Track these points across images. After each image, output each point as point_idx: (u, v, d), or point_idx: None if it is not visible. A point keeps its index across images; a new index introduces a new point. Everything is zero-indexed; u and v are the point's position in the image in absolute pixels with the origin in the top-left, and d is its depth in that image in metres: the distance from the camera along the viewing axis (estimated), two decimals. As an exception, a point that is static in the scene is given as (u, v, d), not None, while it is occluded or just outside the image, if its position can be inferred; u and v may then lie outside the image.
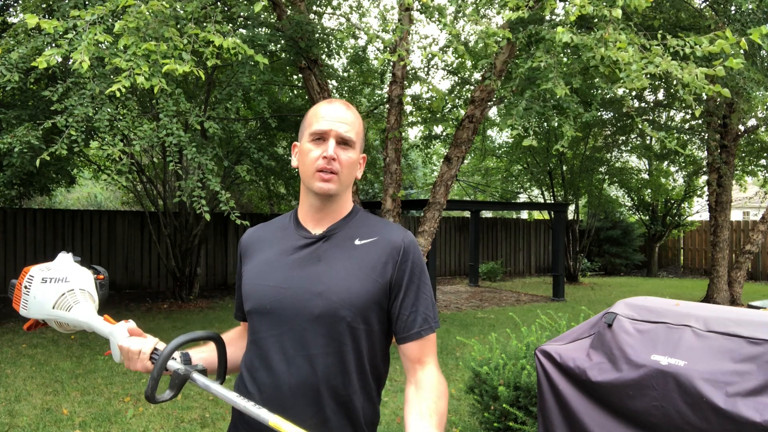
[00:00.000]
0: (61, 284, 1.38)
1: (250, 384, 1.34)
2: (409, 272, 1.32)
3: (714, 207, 10.11)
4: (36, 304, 1.38)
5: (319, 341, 1.27)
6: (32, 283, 1.38)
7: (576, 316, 3.86)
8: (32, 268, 1.40)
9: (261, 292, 1.33)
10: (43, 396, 4.60)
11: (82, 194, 20.49)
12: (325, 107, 1.34)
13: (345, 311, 1.26)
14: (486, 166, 15.83)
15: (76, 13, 3.93)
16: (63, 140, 4.55)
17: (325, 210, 1.35)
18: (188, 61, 3.92)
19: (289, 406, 1.26)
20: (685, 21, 6.80)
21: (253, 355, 1.35)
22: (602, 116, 11.36)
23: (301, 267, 1.32)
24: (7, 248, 9.92)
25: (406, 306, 1.31)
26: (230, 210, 5.10)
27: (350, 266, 1.30)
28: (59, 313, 1.37)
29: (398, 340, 1.33)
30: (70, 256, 1.45)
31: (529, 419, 2.88)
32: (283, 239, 1.38)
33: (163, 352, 1.23)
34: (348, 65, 9.38)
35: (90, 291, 1.43)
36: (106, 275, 1.50)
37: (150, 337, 1.35)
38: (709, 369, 1.65)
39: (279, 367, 1.28)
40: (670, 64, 3.99)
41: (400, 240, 1.33)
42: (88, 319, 1.37)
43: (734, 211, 20.53)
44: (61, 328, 1.42)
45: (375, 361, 1.33)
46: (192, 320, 7.96)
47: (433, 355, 1.33)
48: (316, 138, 1.31)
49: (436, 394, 1.25)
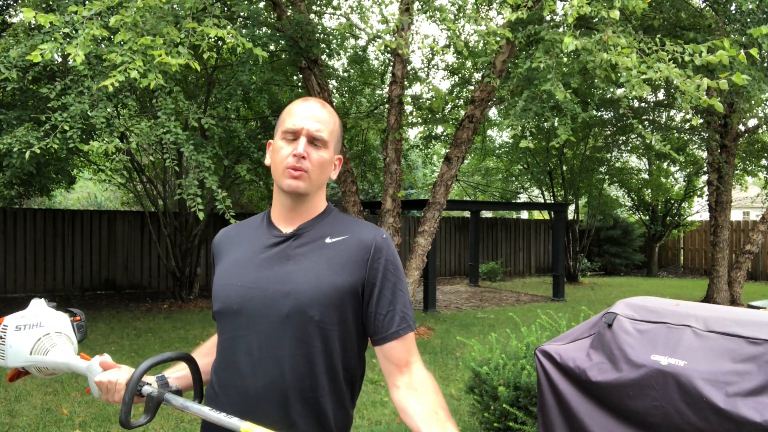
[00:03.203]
0: (36, 329, 1.38)
1: (217, 387, 1.31)
2: (383, 270, 1.28)
3: (714, 207, 10.11)
4: (13, 353, 1.37)
5: (287, 342, 1.23)
6: (6, 332, 1.37)
7: (576, 316, 3.86)
8: (6, 318, 1.39)
9: (229, 293, 1.30)
10: (43, 396, 4.60)
11: (82, 194, 20.49)
12: (299, 105, 1.32)
13: (313, 310, 1.23)
14: (486, 166, 15.83)
15: (74, 8, 3.93)
16: (56, 134, 4.55)
17: (297, 209, 1.32)
18: (184, 55, 3.91)
19: (255, 409, 1.23)
20: (685, 21, 6.79)
21: (220, 357, 1.33)
22: (602, 116, 11.36)
23: (270, 266, 1.28)
24: (7, 248, 9.92)
25: (382, 305, 1.27)
26: (225, 208, 5.10)
27: (320, 265, 1.26)
28: (37, 358, 1.36)
29: (375, 341, 1.29)
30: (43, 301, 1.45)
31: (529, 419, 2.88)
32: (254, 238, 1.35)
33: (132, 377, 1.23)
34: (348, 65, 9.38)
35: (67, 333, 1.42)
36: (82, 316, 1.49)
37: (124, 367, 1.33)
38: (709, 369, 1.65)
39: (245, 370, 1.25)
40: (672, 71, 3.98)
41: (372, 238, 1.30)
42: (65, 360, 1.36)
43: (734, 211, 20.52)
44: (41, 373, 1.41)
45: (347, 363, 1.29)
46: (192, 320, 7.96)
47: (417, 354, 1.30)
48: (287, 136, 1.29)
49: (433, 390, 1.23)
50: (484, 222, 15.34)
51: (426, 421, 1.16)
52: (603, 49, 4.22)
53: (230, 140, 8.26)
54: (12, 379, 1.45)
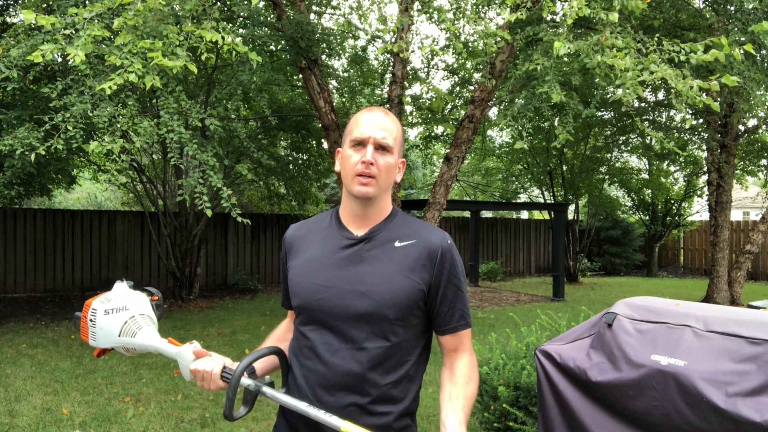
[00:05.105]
0: (123, 313, 1.48)
1: (297, 370, 1.43)
2: (447, 274, 1.42)
3: (714, 207, 10.11)
4: (103, 335, 1.48)
5: (363, 336, 1.37)
6: (96, 316, 1.48)
7: (576, 316, 3.86)
8: (93, 301, 1.50)
9: (307, 290, 1.42)
10: (43, 396, 4.60)
11: (82, 194, 20.50)
12: (365, 115, 1.43)
13: (388, 310, 1.36)
14: (486, 166, 15.83)
15: (75, 10, 3.93)
16: (60, 135, 4.55)
17: (366, 212, 1.44)
18: (182, 57, 3.91)
19: (334, 391, 1.36)
20: (685, 21, 6.79)
21: (300, 344, 1.45)
22: (602, 116, 11.35)
23: (344, 267, 1.41)
24: (7, 248, 9.92)
25: (444, 304, 1.43)
26: (231, 206, 5.09)
27: (391, 267, 1.39)
28: (125, 339, 1.47)
29: (437, 332, 1.46)
30: (125, 284, 1.55)
31: (529, 419, 2.88)
32: (327, 239, 1.47)
33: (235, 372, 1.33)
34: (348, 65, 9.38)
35: (149, 314, 1.53)
36: (160, 296, 1.59)
37: (216, 356, 1.42)
38: (709, 369, 1.65)
39: (325, 357, 1.38)
40: (666, 72, 3.98)
41: (438, 243, 1.42)
42: (153, 343, 1.47)
43: (734, 211, 20.53)
44: (128, 352, 1.51)
45: (415, 354, 1.43)
46: (192, 320, 7.96)
47: (468, 345, 1.47)
48: (356, 144, 1.40)
49: (464, 379, 1.41)
50: (484, 222, 15.34)
51: (445, 401, 1.38)
52: (599, 50, 4.22)
53: (230, 140, 8.26)
54: (99, 355, 1.55)
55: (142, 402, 4.51)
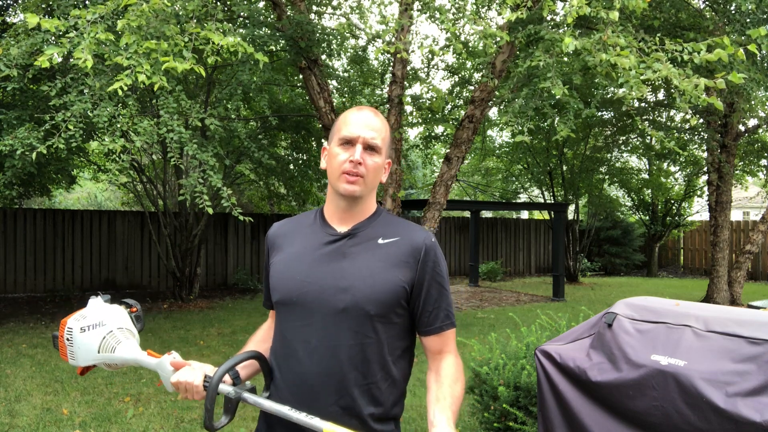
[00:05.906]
0: (100, 329, 1.46)
1: (277, 371, 1.42)
2: (431, 272, 1.40)
3: (714, 207, 10.11)
4: (82, 353, 1.46)
5: (343, 333, 1.34)
6: (73, 335, 1.45)
7: (576, 316, 3.86)
8: (69, 320, 1.47)
9: (287, 285, 1.41)
10: (43, 396, 4.60)
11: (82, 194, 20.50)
12: (354, 114, 1.42)
13: (369, 306, 1.34)
14: (486, 166, 15.83)
15: (77, 12, 3.93)
16: (61, 134, 4.55)
17: (351, 210, 1.43)
18: (189, 59, 3.92)
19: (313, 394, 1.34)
20: (685, 21, 6.79)
21: (279, 344, 1.44)
22: (602, 116, 11.35)
23: (326, 262, 1.39)
24: (7, 248, 9.92)
25: (428, 303, 1.41)
26: (232, 206, 5.09)
27: (374, 264, 1.37)
28: (105, 355, 1.45)
29: (420, 332, 1.44)
30: (100, 298, 1.53)
31: (529, 419, 2.88)
32: (310, 235, 1.46)
33: (212, 381, 1.30)
34: (348, 65, 9.38)
35: (128, 327, 1.51)
36: (139, 307, 1.57)
37: (196, 365, 1.39)
38: (709, 369, 1.65)
39: (304, 357, 1.36)
40: (671, 71, 3.98)
41: (422, 241, 1.41)
42: (134, 356, 1.45)
43: (734, 211, 20.53)
44: (110, 368, 1.50)
45: (398, 353, 1.41)
46: (192, 320, 7.96)
47: (453, 346, 1.46)
48: (344, 143, 1.39)
49: (451, 379, 1.39)
50: (484, 222, 15.34)
51: (432, 402, 1.35)
52: (603, 49, 4.22)
53: (230, 140, 8.26)
54: (82, 373, 1.53)
55: (142, 402, 4.51)
